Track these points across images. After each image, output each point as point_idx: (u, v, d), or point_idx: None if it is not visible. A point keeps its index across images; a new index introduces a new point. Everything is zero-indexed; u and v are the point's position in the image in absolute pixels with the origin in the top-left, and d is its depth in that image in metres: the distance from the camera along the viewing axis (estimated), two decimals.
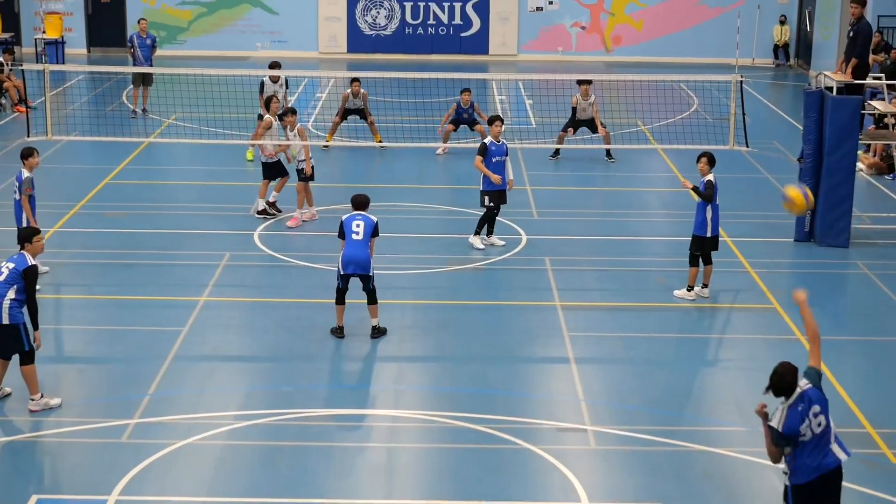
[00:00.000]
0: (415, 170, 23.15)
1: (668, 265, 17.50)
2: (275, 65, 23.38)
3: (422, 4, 37.35)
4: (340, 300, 14.82)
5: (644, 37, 37.81)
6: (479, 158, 17.95)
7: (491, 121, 18.35)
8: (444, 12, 37.44)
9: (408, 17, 37.47)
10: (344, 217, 14.78)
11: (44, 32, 35.68)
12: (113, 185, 21.76)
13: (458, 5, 37.36)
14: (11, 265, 12.58)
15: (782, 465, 9.44)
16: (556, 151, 24.15)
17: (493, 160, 17.93)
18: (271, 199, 19.66)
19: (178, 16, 37.54)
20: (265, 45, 37.48)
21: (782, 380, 9.22)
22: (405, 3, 37.33)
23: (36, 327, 12.59)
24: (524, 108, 29.67)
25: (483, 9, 37.39)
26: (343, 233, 14.66)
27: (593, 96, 23.67)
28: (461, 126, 24.36)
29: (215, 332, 15.06)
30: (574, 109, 23.76)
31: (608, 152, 23.92)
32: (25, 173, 16.14)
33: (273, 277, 17.14)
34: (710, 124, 25.78)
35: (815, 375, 9.36)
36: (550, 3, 37.58)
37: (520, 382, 13.83)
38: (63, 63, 34.27)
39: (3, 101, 28.19)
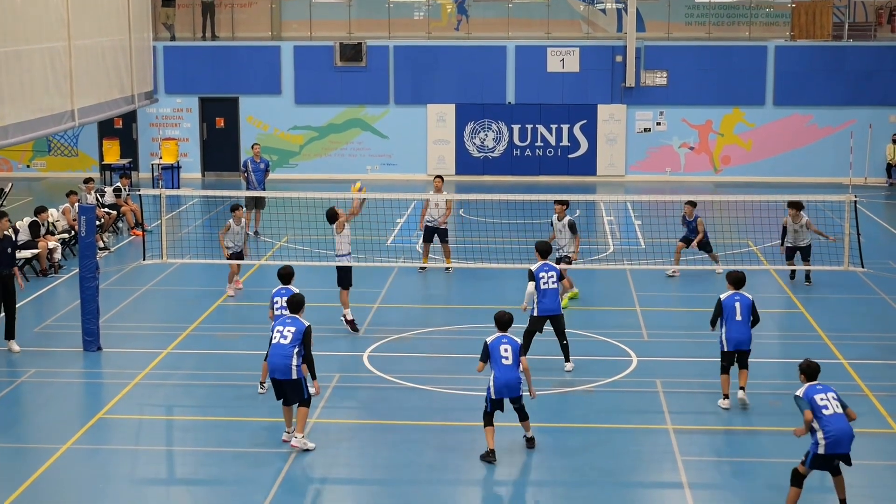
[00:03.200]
0: (521, 291, 23.02)
1: (781, 388, 17.15)
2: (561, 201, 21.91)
3: (529, 127, 37.67)
4: (489, 422, 14.66)
5: (753, 157, 37.59)
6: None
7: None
8: (551, 134, 37.69)
9: (516, 140, 37.78)
10: (489, 340, 14.74)
11: (160, 158, 36.65)
12: (225, 307, 22.06)
13: (565, 127, 37.61)
14: (293, 328, 14.72)
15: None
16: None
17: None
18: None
19: (291, 140, 38.31)
20: (375, 168, 38.03)
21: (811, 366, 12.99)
22: (513, 126, 37.68)
23: (314, 377, 14.70)
24: (633, 229, 29.58)
25: (590, 131, 37.57)
26: (488, 356, 14.64)
27: (805, 217, 23.47)
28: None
29: (325, 453, 15.03)
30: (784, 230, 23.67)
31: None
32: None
33: (381, 399, 17.12)
34: (823, 244, 25.39)
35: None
36: (658, 124, 37.66)
37: None
38: (178, 187, 35.11)
39: (120, 225, 28.88)
